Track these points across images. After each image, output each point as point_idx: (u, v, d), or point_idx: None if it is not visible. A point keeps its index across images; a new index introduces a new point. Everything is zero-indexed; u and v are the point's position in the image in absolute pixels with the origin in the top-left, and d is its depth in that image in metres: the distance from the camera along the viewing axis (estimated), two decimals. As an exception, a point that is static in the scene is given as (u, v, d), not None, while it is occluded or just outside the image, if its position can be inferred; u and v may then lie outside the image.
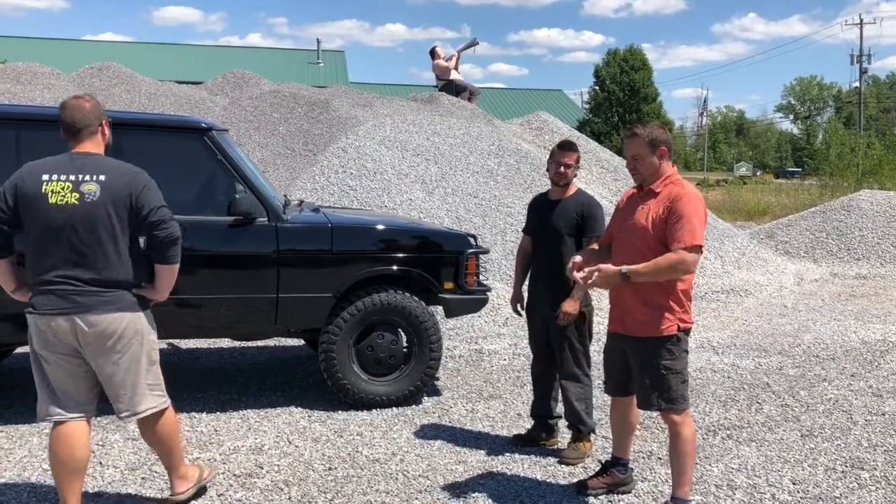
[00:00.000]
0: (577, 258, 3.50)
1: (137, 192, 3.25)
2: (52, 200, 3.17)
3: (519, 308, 4.56)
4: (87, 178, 3.22)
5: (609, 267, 3.31)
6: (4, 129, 4.64)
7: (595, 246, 3.77)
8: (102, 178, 3.23)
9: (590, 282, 3.31)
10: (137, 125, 4.88)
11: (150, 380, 3.37)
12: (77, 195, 3.19)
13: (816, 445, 4.51)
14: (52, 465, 3.29)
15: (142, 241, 3.37)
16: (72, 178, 3.21)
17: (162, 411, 3.43)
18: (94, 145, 3.34)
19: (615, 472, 3.79)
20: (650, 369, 3.40)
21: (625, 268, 3.26)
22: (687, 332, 3.44)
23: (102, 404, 3.42)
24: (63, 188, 3.19)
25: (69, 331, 3.19)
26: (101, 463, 4.04)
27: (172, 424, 3.50)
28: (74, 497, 3.27)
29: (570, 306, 4.15)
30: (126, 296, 3.29)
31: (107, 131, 3.41)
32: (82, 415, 3.31)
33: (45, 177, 3.21)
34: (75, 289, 3.19)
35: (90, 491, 3.71)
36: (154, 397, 3.39)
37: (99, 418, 3.51)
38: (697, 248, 3.25)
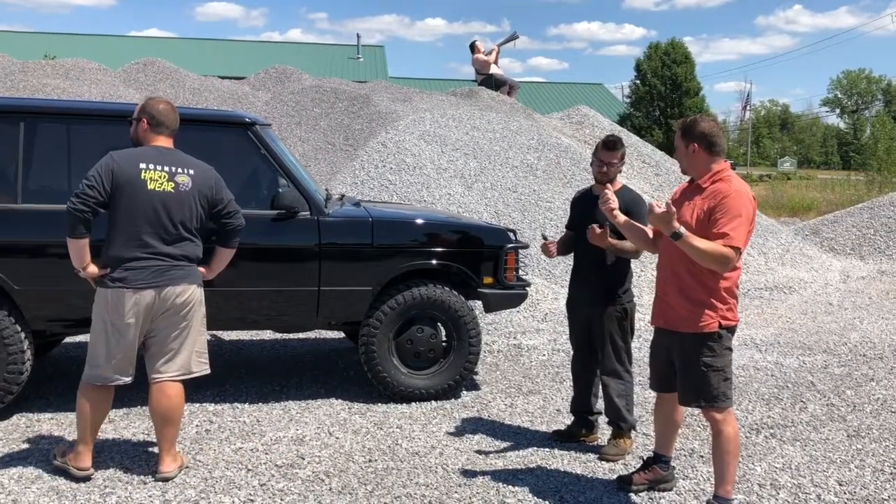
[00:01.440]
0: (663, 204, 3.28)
1: (217, 187, 3.84)
2: (150, 186, 3.64)
3: (548, 245, 4.29)
4: (180, 170, 3.74)
5: (672, 215, 3.16)
6: (57, 124, 4.75)
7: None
8: (192, 171, 3.77)
9: (654, 213, 3.18)
10: (183, 120, 4.93)
11: (199, 346, 3.86)
12: (173, 184, 3.69)
13: (864, 446, 4.42)
14: (91, 414, 3.72)
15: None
16: (166, 169, 3.69)
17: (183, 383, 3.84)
18: (171, 142, 3.82)
19: (657, 468, 3.76)
20: (690, 366, 3.37)
21: (683, 230, 3.18)
22: (730, 329, 3.39)
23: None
24: (160, 177, 3.67)
25: (156, 301, 3.65)
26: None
27: (183, 399, 3.85)
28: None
29: (598, 234, 3.97)
30: (197, 270, 3.84)
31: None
32: (129, 379, 3.76)
33: (143, 165, 3.64)
34: (166, 264, 3.68)
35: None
36: (201, 363, 3.88)
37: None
38: (736, 250, 3.20)
